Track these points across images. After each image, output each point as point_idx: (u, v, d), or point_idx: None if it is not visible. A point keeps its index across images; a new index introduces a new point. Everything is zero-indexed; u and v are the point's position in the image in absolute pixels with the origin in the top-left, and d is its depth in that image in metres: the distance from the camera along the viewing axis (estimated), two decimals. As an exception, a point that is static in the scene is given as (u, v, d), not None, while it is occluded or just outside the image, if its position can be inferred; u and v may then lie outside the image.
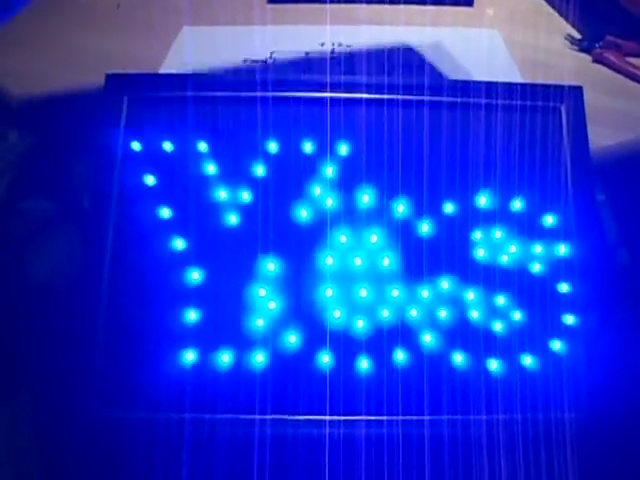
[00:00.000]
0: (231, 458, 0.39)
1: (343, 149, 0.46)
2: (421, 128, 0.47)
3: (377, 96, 0.47)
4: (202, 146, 0.46)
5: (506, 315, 0.44)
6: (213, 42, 0.60)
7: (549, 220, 0.46)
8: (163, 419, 0.40)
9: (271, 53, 0.56)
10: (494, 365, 0.42)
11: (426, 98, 0.47)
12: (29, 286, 0.52)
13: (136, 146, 0.46)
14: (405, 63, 0.56)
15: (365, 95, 0.47)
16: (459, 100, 0.48)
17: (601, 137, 0.52)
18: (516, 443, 0.41)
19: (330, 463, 0.39)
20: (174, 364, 0.42)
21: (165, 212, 0.45)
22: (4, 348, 0.45)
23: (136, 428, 0.40)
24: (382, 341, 0.43)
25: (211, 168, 0.46)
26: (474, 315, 0.43)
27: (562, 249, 0.45)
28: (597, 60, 0.66)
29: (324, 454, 0.40)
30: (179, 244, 0.44)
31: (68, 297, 0.42)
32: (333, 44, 0.58)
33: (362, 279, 0.44)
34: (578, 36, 0.70)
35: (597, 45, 0.67)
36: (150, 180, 0.45)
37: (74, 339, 0.42)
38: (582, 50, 0.68)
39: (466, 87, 0.48)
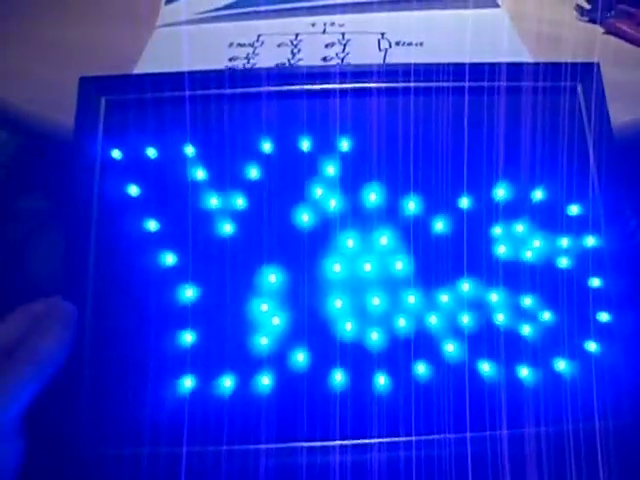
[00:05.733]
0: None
1: (344, 145, 0.42)
2: (429, 117, 0.42)
3: (379, 84, 0.43)
4: (189, 150, 0.42)
5: (534, 316, 0.40)
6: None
7: (574, 210, 0.42)
8: (162, 454, 0.37)
9: (258, 36, 0.51)
10: (525, 372, 0.39)
11: (430, 84, 0.43)
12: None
13: (116, 154, 0.42)
14: (402, 45, 0.51)
15: (366, 84, 0.43)
16: (468, 85, 0.43)
17: (619, 113, 0.48)
18: (553, 458, 0.37)
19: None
20: (170, 393, 0.38)
21: (152, 225, 0.41)
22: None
23: (133, 465, 0.36)
24: (400, 354, 0.39)
25: (200, 173, 0.42)
26: (500, 319, 0.39)
27: (590, 240, 0.41)
28: (609, 31, 0.62)
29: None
30: (169, 259, 0.40)
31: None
32: (325, 24, 0.54)
33: (374, 286, 0.40)
34: (587, 6, 0.66)
35: (608, 15, 0.63)
36: (134, 190, 0.41)
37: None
38: (592, 21, 0.63)
39: (474, 70, 0.43)
